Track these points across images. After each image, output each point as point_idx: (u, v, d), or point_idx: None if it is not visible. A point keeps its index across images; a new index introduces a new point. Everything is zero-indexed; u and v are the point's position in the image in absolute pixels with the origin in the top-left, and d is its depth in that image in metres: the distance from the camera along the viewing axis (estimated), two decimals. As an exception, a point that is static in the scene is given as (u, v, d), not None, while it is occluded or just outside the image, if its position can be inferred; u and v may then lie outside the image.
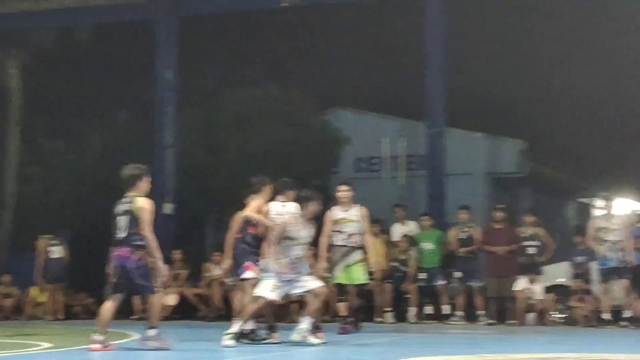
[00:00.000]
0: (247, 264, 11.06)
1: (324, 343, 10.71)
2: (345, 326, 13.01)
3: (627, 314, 15.15)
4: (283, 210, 11.00)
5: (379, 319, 16.66)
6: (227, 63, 26.61)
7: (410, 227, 17.08)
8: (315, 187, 23.43)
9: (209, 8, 20.61)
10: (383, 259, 17.19)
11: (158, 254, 9.87)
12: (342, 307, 13.15)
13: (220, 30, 26.24)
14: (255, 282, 10.87)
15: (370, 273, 15.63)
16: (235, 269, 11.28)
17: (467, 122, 24.90)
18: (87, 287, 19.26)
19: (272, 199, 11.29)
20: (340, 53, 28.27)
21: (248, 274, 11.02)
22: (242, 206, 11.27)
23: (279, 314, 16.85)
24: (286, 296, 11.03)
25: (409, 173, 24.23)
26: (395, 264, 17.00)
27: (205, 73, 25.70)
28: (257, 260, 10.99)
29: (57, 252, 18.94)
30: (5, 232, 22.79)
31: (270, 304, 10.83)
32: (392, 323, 16.29)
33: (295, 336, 10.57)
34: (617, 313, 15.21)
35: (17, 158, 23.09)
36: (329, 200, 24.56)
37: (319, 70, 27.26)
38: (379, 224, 17.90)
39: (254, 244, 11.08)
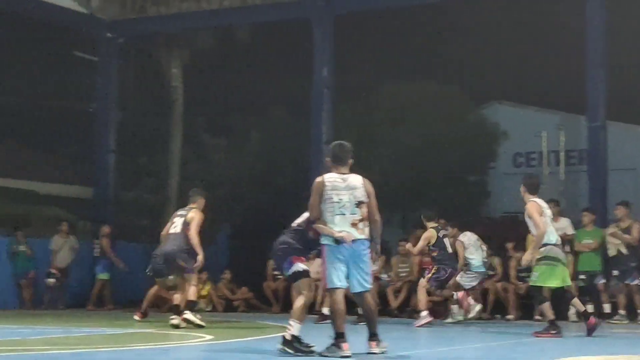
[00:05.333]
0: None
1: None
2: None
3: None
4: None
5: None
6: (382, 59, 26.66)
7: (562, 224, 16.34)
8: (473, 183, 23.45)
9: (364, 5, 20.63)
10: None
11: None
12: None
13: (375, 27, 26.32)
14: None
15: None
16: None
17: (630, 116, 24.15)
18: (248, 281, 19.64)
19: None
20: (498, 47, 27.88)
21: None
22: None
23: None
24: None
25: (569, 168, 23.68)
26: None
27: (361, 70, 25.82)
28: None
29: None
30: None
31: None
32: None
33: None
34: None
35: (180, 155, 23.68)
36: (487, 196, 24.24)
37: (476, 65, 26.97)
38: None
39: None
